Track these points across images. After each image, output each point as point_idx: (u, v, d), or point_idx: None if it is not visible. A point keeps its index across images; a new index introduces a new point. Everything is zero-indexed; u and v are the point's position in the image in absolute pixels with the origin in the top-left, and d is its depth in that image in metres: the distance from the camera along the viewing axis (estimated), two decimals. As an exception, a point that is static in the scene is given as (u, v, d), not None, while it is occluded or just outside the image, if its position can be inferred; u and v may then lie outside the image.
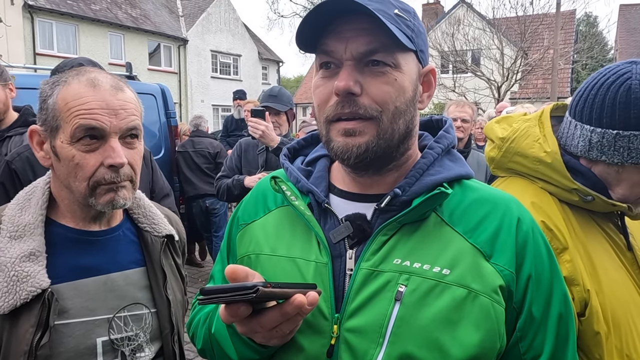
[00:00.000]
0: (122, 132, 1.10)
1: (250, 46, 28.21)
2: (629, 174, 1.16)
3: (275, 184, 0.96)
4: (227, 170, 3.39)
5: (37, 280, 1.05)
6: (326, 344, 0.83)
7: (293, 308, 0.73)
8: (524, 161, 1.27)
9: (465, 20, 18.11)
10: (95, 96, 1.07)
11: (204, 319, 0.97)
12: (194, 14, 25.49)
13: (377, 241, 0.86)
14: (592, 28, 27.96)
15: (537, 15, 16.88)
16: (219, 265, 1.08)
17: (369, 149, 0.84)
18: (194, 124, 6.13)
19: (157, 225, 1.28)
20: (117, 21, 21.03)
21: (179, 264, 1.34)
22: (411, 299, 0.81)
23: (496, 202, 0.90)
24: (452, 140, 0.96)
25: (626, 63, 1.16)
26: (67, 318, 1.09)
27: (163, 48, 23.58)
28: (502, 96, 16.08)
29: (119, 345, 1.15)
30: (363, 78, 0.83)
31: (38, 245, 1.09)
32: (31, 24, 18.34)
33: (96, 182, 1.09)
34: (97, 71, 1.14)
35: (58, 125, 1.08)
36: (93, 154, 1.08)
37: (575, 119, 1.21)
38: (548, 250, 0.91)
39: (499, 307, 0.82)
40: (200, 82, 25.20)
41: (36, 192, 1.17)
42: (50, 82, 1.12)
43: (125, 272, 1.19)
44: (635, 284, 1.20)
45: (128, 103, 1.12)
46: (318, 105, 0.88)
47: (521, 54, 16.17)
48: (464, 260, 0.83)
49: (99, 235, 1.18)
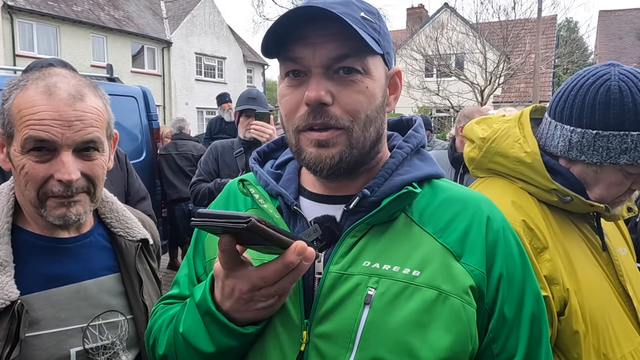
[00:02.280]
0: (76, 145, 1.03)
1: (235, 49, 28.10)
2: (607, 174, 1.18)
3: (243, 187, 0.94)
4: (204, 175, 3.31)
5: (6, 291, 1.00)
6: (296, 350, 0.81)
7: (296, 254, 0.71)
8: (504, 161, 1.27)
9: (449, 24, 18.29)
10: (49, 106, 1.00)
11: (168, 321, 0.92)
12: (178, 16, 25.31)
13: (346, 243, 0.84)
14: (572, 33, 28.47)
15: (519, 20, 17.11)
16: (184, 269, 1.03)
17: (342, 159, 0.83)
18: (177, 126, 6.07)
19: (131, 229, 1.25)
20: (100, 23, 20.77)
21: (154, 268, 1.31)
22: (381, 302, 0.79)
23: (466, 201, 0.89)
24: (421, 139, 0.95)
25: (604, 65, 1.18)
26: (38, 329, 1.05)
27: (147, 50, 23.35)
28: (485, 100, 16.26)
29: (94, 354, 1.11)
30: (334, 87, 0.81)
31: (4, 254, 1.04)
32: (10, 25, 18.01)
33: (45, 194, 1.04)
34: (60, 75, 1.07)
35: (12, 133, 1.03)
36: (43, 165, 1.02)
37: (555, 119, 1.23)
38: (520, 250, 0.90)
39: (470, 308, 0.81)
40: (185, 85, 25.00)
41: (0, 198, 1.12)
42: (11, 84, 1.07)
43: (98, 279, 1.15)
44: (610, 283, 1.22)
45: (87, 113, 1.04)
46: (286, 115, 0.86)
47: (504, 58, 16.39)
48: (434, 260, 0.82)
49: (69, 242, 1.14)
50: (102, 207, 1.24)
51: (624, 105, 1.10)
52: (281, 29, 0.80)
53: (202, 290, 0.82)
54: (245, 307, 0.78)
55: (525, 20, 17.10)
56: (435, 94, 17.34)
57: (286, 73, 0.85)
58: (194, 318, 0.82)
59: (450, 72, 17.54)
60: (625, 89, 1.11)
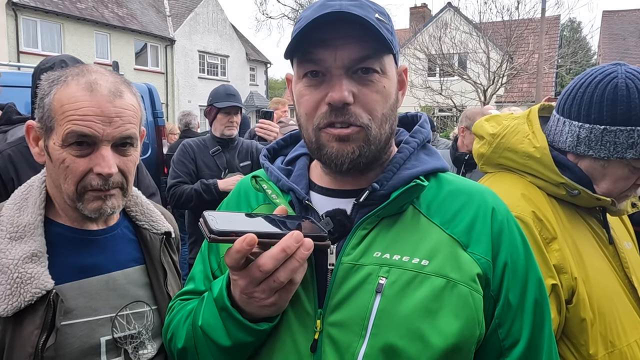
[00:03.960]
0: (115, 140, 1.07)
1: (237, 47, 28.11)
2: (614, 168, 1.23)
3: (256, 183, 0.97)
4: (183, 176, 3.15)
5: (41, 281, 1.03)
6: (310, 338, 0.84)
7: (294, 240, 0.74)
8: (514, 156, 1.32)
9: (452, 24, 18.28)
10: (91, 102, 1.04)
11: (186, 315, 0.95)
12: (182, 14, 25.33)
13: (357, 235, 0.87)
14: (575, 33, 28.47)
15: (522, 20, 17.10)
16: (199, 265, 1.06)
17: (362, 154, 0.86)
18: (184, 122, 6.03)
19: (156, 222, 1.29)
20: (104, 20, 20.80)
21: (175, 261, 1.35)
22: (392, 290, 0.83)
23: (471, 193, 0.93)
24: (427, 134, 0.99)
25: (611, 65, 1.24)
26: (71, 318, 1.08)
27: (150, 48, 23.37)
28: (488, 99, 16.25)
29: (122, 343, 1.15)
30: (355, 87, 0.84)
31: (39, 245, 1.08)
32: (15, 22, 18.05)
33: (84, 187, 1.07)
34: (99, 72, 1.10)
35: (52, 126, 1.06)
36: (83, 159, 1.06)
37: (563, 116, 1.27)
38: (522, 239, 0.94)
39: (477, 295, 0.84)
40: (188, 83, 25.03)
41: (32, 191, 1.16)
42: (50, 79, 1.10)
43: (125, 271, 1.19)
44: (616, 275, 1.27)
45: (126, 110, 1.08)
46: (306, 114, 0.88)
47: (507, 58, 16.38)
48: (442, 250, 0.86)
49: (98, 234, 1.18)
50: (127, 200, 1.26)
51: (631, 102, 1.16)
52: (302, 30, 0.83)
53: (220, 285, 0.85)
54: (249, 302, 0.80)
55: (529, 20, 17.09)
56: (438, 94, 17.34)
57: (304, 74, 0.87)
58: (212, 312, 0.86)
59: (453, 71, 17.53)
60: (632, 86, 1.16)
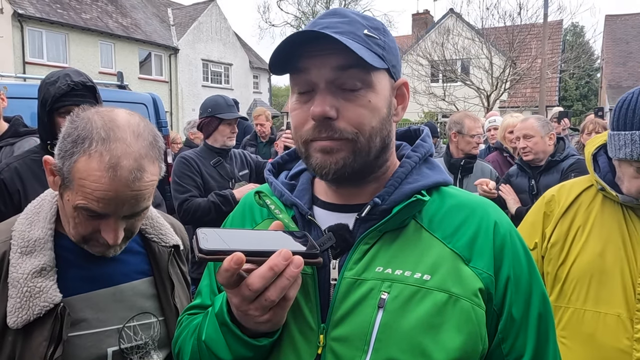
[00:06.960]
0: (125, 215, 1.08)
1: (241, 55, 28.28)
2: (625, 167, 1.48)
3: (259, 198, 0.97)
4: (193, 190, 3.11)
5: (50, 295, 1.07)
6: (313, 353, 0.84)
7: (282, 258, 0.73)
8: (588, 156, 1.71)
9: (455, 30, 18.34)
10: (110, 186, 1.01)
11: (192, 330, 0.96)
12: (185, 23, 25.53)
13: (359, 250, 0.87)
14: (578, 38, 28.43)
15: (525, 26, 17.14)
16: (206, 279, 1.06)
17: (346, 164, 0.86)
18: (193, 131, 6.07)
19: (165, 235, 1.30)
20: (108, 30, 21.01)
21: (184, 272, 1.36)
22: (394, 305, 0.82)
23: (473, 207, 0.93)
24: (429, 148, 0.99)
25: None
26: (79, 330, 1.11)
27: (154, 57, 23.58)
28: (491, 105, 16.27)
29: (128, 353, 1.17)
30: (338, 102, 0.84)
31: (48, 260, 1.10)
32: (21, 33, 18.26)
33: (90, 237, 1.11)
34: (125, 143, 1.03)
35: (69, 186, 1.06)
36: (92, 221, 1.08)
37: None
38: (526, 252, 0.93)
39: (479, 309, 0.84)
40: (192, 91, 25.17)
41: (44, 205, 1.18)
42: (74, 137, 1.04)
43: (132, 283, 1.21)
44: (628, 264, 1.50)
45: (144, 190, 1.06)
46: (295, 127, 0.90)
47: (510, 64, 16.42)
48: (443, 265, 0.85)
49: None
50: None
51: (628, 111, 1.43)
52: (286, 49, 0.83)
53: (221, 301, 0.86)
54: (245, 319, 0.80)
55: (531, 25, 17.13)
56: (441, 99, 17.36)
57: (296, 90, 0.89)
58: (214, 327, 0.86)
59: (456, 77, 17.58)
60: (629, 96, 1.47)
